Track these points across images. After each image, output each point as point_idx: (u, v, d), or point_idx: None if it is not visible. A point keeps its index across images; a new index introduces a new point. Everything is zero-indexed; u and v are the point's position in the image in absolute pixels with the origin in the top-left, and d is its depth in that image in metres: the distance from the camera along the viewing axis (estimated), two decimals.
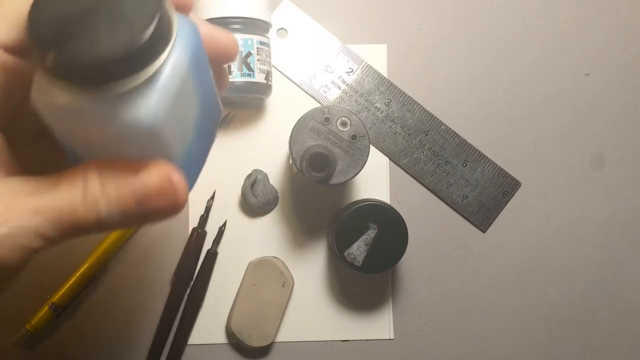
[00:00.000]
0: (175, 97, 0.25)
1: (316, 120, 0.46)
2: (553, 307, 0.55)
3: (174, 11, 0.24)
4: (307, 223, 0.54)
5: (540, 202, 0.56)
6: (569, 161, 0.56)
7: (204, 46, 0.27)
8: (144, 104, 0.24)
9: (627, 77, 0.56)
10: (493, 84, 0.56)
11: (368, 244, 0.48)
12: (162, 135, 0.25)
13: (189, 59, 0.25)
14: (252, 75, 0.49)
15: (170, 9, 0.24)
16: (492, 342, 0.55)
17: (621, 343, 0.55)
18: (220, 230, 0.53)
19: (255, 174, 0.53)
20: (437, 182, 0.55)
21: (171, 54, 0.24)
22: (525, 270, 0.55)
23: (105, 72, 0.22)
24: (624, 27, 0.57)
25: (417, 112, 0.55)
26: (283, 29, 0.55)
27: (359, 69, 0.55)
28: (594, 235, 0.56)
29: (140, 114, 0.24)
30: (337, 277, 0.54)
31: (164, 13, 0.23)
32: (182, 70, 0.25)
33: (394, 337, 0.54)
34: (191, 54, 0.26)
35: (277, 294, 0.52)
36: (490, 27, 0.56)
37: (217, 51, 0.29)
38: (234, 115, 0.54)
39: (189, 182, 0.28)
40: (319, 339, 0.54)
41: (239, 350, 0.53)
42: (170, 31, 0.24)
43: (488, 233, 0.55)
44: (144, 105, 0.24)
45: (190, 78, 0.26)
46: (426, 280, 0.55)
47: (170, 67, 0.24)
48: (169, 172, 0.25)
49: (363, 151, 0.46)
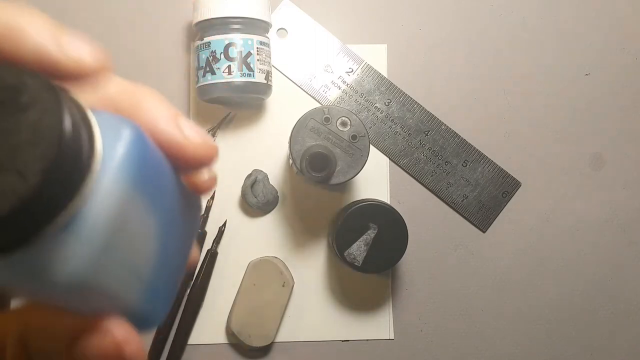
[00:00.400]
0: (110, 236, 0.18)
1: (316, 120, 0.46)
2: (553, 307, 0.55)
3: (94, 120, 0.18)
4: (307, 223, 0.54)
5: (540, 202, 0.56)
6: (569, 161, 0.56)
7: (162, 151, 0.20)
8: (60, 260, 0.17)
9: (627, 77, 0.56)
10: (493, 84, 0.56)
11: (368, 244, 0.48)
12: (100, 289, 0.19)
13: (128, 178, 0.19)
14: (252, 75, 0.49)
15: (91, 118, 0.18)
16: (492, 342, 0.55)
17: (621, 343, 0.55)
18: (220, 230, 0.53)
19: (255, 174, 0.53)
20: (437, 182, 0.55)
21: (98, 183, 0.18)
22: (525, 270, 0.55)
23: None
24: (624, 27, 0.57)
25: (417, 112, 0.55)
26: (283, 29, 0.55)
27: (359, 69, 0.55)
28: (594, 235, 0.56)
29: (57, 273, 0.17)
30: (337, 277, 0.54)
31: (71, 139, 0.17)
32: (115, 198, 0.18)
33: (394, 337, 0.54)
34: (133, 168, 0.19)
35: (277, 294, 0.52)
36: (490, 27, 0.56)
37: (182, 159, 0.20)
38: (234, 115, 0.54)
39: (160, 314, 0.22)
40: (319, 339, 0.54)
41: (239, 350, 0.53)
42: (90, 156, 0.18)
43: (488, 233, 0.55)
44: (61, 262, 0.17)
45: (137, 198, 0.19)
46: (426, 280, 0.55)
47: (97, 201, 0.18)
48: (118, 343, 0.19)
49: (363, 151, 0.46)
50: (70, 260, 0.17)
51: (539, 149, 0.56)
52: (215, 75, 0.49)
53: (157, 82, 0.54)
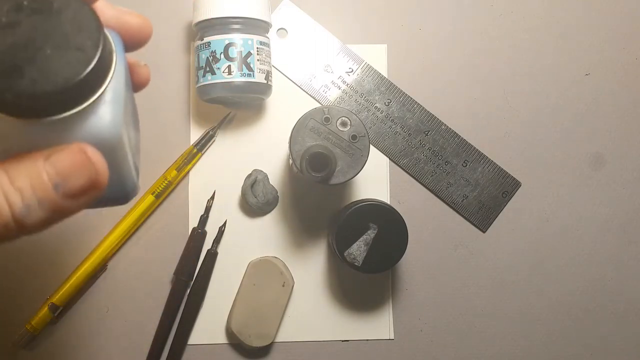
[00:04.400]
0: (126, 103, 0.25)
1: (316, 120, 0.46)
2: (553, 307, 0.55)
3: None
4: (307, 223, 0.54)
5: (540, 202, 0.56)
6: (569, 161, 0.56)
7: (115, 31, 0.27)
8: (104, 118, 0.24)
9: (627, 77, 0.56)
10: (493, 84, 0.56)
11: (368, 244, 0.48)
12: (123, 143, 0.25)
13: (124, 63, 0.26)
14: (252, 75, 0.49)
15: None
16: (492, 342, 0.55)
17: (621, 343, 0.55)
18: (220, 230, 0.53)
19: (255, 174, 0.53)
20: (437, 182, 0.55)
21: (117, 65, 0.25)
22: (525, 270, 0.55)
23: (64, 98, 0.22)
24: (624, 27, 0.57)
25: (417, 112, 0.55)
26: (283, 29, 0.55)
27: (359, 69, 0.55)
28: (594, 235, 0.56)
29: (101, 129, 0.24)
30: (337, 277, 0.54)
31: (103, 32, 0.23)
32: (124, 77, 0.25)
33: (394, 337, 0.54)
34: (123, 61, 0.26)
35: (277, 294, 0.52)
36: (490, 27, 0.56)
37: (131, 37, 0.28)
38: (234, 115, 0.54)
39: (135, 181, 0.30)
40: (319, 339, 0.54)
41: (239, 350, 0.53)
42: (111, 44, 0.24)
43: (488, 233, 0.55)
44: (105, 118, 0.24)
45: (126, 81, 0.26)
46: (426, 280, 0.55)
47: (117, 77, 0.25)
48: (81, 147, 0.24)
49: (363, 151, 0.46)
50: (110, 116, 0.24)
51: (539, 149, 0.56)
52: (215, 75, 0.49)
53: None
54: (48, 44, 0.22)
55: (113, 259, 0.53)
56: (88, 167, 0.24)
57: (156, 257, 0.53)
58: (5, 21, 0.22)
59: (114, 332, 0.53)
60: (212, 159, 0.54)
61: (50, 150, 0.24)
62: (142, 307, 0.53)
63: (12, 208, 0.23)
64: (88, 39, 0.22)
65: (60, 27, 0.22)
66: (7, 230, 0.23)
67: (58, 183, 0.23)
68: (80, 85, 0.22)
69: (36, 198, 0.23)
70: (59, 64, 0.22)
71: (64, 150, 0.23)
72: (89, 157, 0.24)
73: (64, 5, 0.23)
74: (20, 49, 0.22)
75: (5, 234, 0.23)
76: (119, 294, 0.53)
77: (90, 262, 0.52)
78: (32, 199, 0.23)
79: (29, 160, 0.23)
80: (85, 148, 0.24)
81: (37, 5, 0.23)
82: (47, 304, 0.51)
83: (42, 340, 0.52)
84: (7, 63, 0.22)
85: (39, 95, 0.22)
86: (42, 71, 0.22)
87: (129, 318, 0.53)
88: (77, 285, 0.51)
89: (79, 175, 0.23)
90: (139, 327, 0.53)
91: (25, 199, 0.23)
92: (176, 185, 0.53)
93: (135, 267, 0.53)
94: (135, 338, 0.53)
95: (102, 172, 0.24)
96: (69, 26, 0.23)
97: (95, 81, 0.23)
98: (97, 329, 0.53)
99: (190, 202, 0.54)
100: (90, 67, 0.22)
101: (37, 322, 0.51)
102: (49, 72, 0.22)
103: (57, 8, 0.23)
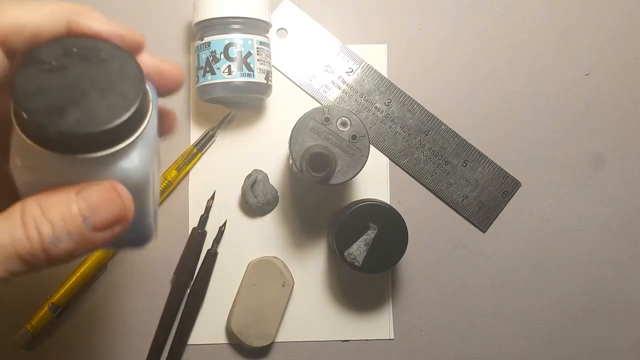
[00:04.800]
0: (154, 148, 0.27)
1: (316, 120, 0.46)
2: (553, 307, 0.55)
3: None
4: (307, 223, 0.54)
5: (540, 202, 0.56)
6: (569, 161, 0.56)
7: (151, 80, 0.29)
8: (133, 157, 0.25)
9: (627, 77, 0.56)
10: (493, 84, 0.56)
11: (368, 244, 0.48)
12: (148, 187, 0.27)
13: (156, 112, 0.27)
14: (252, 75, 0.49)
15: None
16: (492, 342, 0.55)
17: (621, 343, 0.55)
18: (220, 230, 0.53)
19: (255, 174, 0.53)
20: (437, 182, 0.55)
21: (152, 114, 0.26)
22: (525, 270, 0.55)
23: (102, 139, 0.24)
24: (624, 27, 0.57)
25: (417, 112, 0.55)
26: (283, 29, 0.55)
27: (359, 69, 0.55)
28: (594, 235, 0.56)
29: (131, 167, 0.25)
30: (337, 277, 0.54)
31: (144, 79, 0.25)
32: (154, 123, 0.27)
33: (394, 337, 0.54)
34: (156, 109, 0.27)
35: (277, 294, 0.52)
36: (490, 27, 0.56)
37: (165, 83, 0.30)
38: (234, 115, 0.54)
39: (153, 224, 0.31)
40: (319, 339, 0.54)
41: (239, 350, 0.53)
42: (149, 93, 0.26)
43: (488, 233, 0.55)
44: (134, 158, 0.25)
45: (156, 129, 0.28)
46: (426, 280, 0.55)
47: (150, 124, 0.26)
48: (112, 183, 0.25)
49: (363, 151, 0.46)
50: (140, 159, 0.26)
51: (539, 149, 0.56)
52: (215, 75, 0.49)
53: None
54: (94, 89, 0.24)
55: (113, 259, 0.53)
56: (117, 202, 0.25)
57: (156, 257, 0.53)
58: (56, 65, 0.24)
59: (114, 332, 0.53)
60: (212, 159, 0.54)
61: (82, 185, 0.25)
62: (142, 307, 0.53)
63: (42, 238, 0.24)
64: (131, 87, 0.24)
65: (106, 74, 0.24)
66: (35, 259, 0.24)
67: (87, 216, 0.24)
68: (119, 129, 0.24)
69: (66, 230, 0.24)
70: (101, 107, 0.23)
71: (96, 185, 0.25)
72: (118, 194, 0.25)
73: (110, 55, 0.25)
74: (68, 91, 0.23)
75: (33, 262, 0.24)
76: (119, 294, 0.53)
77: (90, 262, 0.52)
78: (63, 231, 0.24)
79: (62, 194, 0.24)
80: (116, 185, 0.25)
81: (86, 53, 0.25)
82: (47, 304, 0.51)
83: (42, 340, 0.52)
84: (55, 102, 0.23)
85: (81, 135, 0.23)
86: (86, 112, 0.23)
87: (129, 318, 0.53)
88: (77, 285, 0.51)
89: (108, 209, 0.25)
90: (139, 327, 0.53)
91: (56, 230, 0.24)
92: (176, 185, 0.53)
93: (135, 267, 0.53)
94: (135, 338, 0.53)
95: (129, 208, 0.26)
96: (114, 74, 0.24)
97: (132, 126, 0.25)
98: (97, 329, 0.53)
99: (190, 202, 0.54)
100: (130, 112, 0.24)
101: (37, 322, 0.51)
102: (92, 114, 0.23)
103: (104, 57, 0.25)
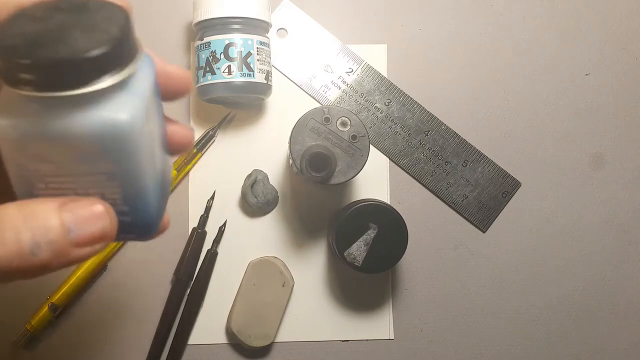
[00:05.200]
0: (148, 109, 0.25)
1: (316, 120, 0.46)
2: (553, 307, 0.55)
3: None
4: (307, 223, 0.54)
5: (540, 202, 0.56)
6: (569, 161, 0.56)
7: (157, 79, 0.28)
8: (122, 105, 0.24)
9: (627, 77, 0.56)
10: (493, 83, 0.56)
11: (368, 244, 0.48)
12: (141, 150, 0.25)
13: (153, 80, 0.26)
14: (252, 75, 0.49)
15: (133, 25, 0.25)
16: (492, 342, 0.55)
17: (621, 343, 0.55)
18: (220, 230, 0.53)
19: (255, 174, 0.53)
20: (437, 182, 0.55)
21: (141, 67, 0.25)
22: (525, 270, 0.55)
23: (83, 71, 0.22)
24: (624, 27, 0.57)
25: (417, 112, 0.55)
26: (283, 29, 0.55)
27: (359, 69, 0.55)
28: (594, 235, 0.56)
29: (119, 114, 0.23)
30: (337, 277, 0.54)
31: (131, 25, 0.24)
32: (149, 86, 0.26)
33: (394, 337, 0.54)
34: (153, 78, 0.26)
35: (277, 294, 0.52)
36: (490, 27, 0.56)
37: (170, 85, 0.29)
38: (234, 115, 0.54)
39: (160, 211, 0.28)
40: (319, 339, 0.54)
41: (239, 350, 0.53)
42: (138, 44, 0.25)
43: (488, 233, 0.55)
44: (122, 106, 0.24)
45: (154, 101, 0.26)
46: (426, 280, 0.55)
47: (141, 77, 0.25)
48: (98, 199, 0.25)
49: (363, 151, 0.46)
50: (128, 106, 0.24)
51: (539, 149, 0.56)
52: (215, 75, 0.49)
53: None
54: (77, 29, 0.23)
55: (113, 259, 0.53)
56: (102, 218, 0.25)
57: (156, 257, 0.53)
58: (40, 15, 0.23)
59: (114, 332, 0.53)
60: (212, 159, 0.54)
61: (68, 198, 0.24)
62: (142, 307, 0.53)
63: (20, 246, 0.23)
64: (115, 25, 0.23)
65: (91, 19, 0.23)
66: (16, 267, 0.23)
67: (73, 229, 0.24)
68: (98, 62, 0.22)
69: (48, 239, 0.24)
70: (82, 41, 0.22)
71: (84, 199, 0.24)
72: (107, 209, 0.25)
73: (99, 7, 0.24)
74: (50, 32, 0.22)
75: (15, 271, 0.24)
76: (119, 294, 0.53)
77: (90, 262, 0.52)
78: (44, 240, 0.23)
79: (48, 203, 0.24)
80: (101, 201, 0.25)
81: (74, 7, 0.24)
82: (47, 304, 0.51)
83: (42, 340, 0.52)
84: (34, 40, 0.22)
85: (57, 62, 0.22)
86: (65, 45, 0.22)
87: (129, 318, 0.53)
88: (77, 285, 0.51)
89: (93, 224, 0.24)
90: (139, 327, 0.53)
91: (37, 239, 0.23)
92: (176, 185, 0.53)
93: (135, 267, 0.53)
94: (135, 338, 0.53)
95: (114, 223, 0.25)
96: (100, 19, 0.23)
97: (114, 65, 0.23)
98: (97, 329, 0.53)
99: (190, 202, 0.54)
100: (111, 45, 0.22)
101: (37, 322, 0.51)
102: (71, 46, 0.22)
103: (91, 8, 0.24)
